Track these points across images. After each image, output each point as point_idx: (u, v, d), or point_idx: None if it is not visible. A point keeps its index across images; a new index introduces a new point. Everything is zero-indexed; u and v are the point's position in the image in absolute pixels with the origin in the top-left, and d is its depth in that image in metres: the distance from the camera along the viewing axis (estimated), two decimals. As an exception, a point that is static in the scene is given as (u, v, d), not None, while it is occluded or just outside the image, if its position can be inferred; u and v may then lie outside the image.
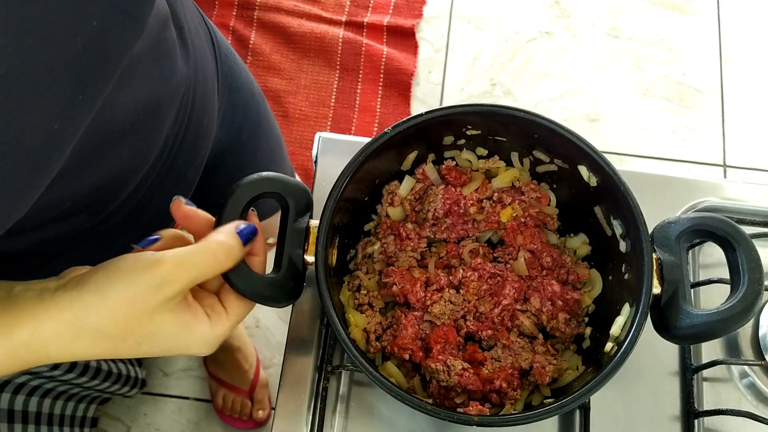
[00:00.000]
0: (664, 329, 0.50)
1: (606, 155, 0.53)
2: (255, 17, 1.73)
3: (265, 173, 0.50)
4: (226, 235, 0.43)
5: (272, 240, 0.69)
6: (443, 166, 0.61)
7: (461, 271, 0.58)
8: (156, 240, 0.44)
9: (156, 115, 0.51)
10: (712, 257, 0.67)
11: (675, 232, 0.51)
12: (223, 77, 0.68)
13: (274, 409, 0.59)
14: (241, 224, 0.45)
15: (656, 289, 0.49)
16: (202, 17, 0.66)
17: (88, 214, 0.52)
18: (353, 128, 1.64)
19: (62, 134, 0.36)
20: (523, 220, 0.60)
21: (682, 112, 1.72)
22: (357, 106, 1.66)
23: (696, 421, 0.59)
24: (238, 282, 0.45)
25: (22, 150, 0.33)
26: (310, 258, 0.50)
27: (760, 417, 0.56)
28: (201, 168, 0.65)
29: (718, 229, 0.50)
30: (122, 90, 0.44)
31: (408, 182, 0.61)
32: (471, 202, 0.60)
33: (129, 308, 0.39)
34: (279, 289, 0.48)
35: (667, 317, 0.50)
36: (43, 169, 0.36)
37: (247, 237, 0.45)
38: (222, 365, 1.38)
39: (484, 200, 0.61)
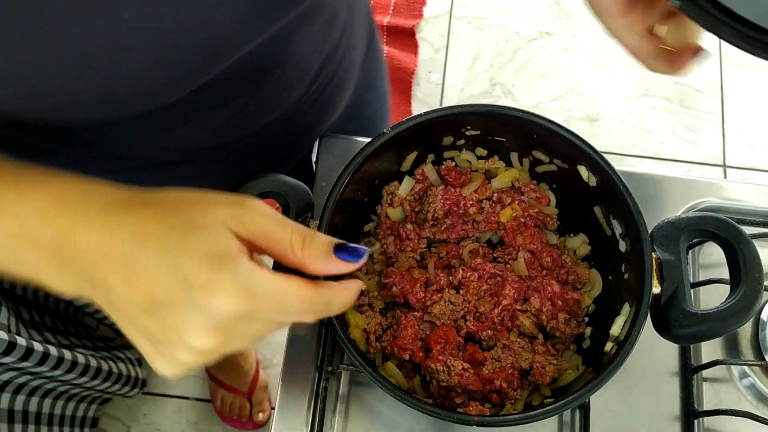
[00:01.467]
0: (664, 329, 0.50)
1: (606, 155, 0.53)
2: (255, 17, 1.73)
3: (266, 173, 0.50)
4: (318, 237, 0.36)
5: None
6: (443, 167, 0.61)
7: (461, 271, 0.58)
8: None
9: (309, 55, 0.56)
10: (711, 257, 0.67)
11: (675, 231, 0.51)
12: (366, 51, 0.70)
13: (273, 408, 0.59)
14: (347, 244, 0.37)
15: (656, 289, 0.49)
16: None
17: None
18: (353, 128, 1.64)
19: (236, 39, 0.41)
20: (522, 220, 0.60)
21: (682, 112, 1.72)
22: (357, 106, 1.66)
23: (696, 421, 0.59)
24: None
25: (206, 37, 0.38)
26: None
27: (760, 417, 0.56)
28: (325, 127, 0.68)
29: (718, 228, 0.50)
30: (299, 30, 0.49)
31: (407, 183, 0.61)
32: (471, 202, 0.60)
33: (184, 194, 0.35)
34: None
35: (667, 317, 0.50)
36: (216, 61, 0.42)
37: (344, 253, 0.36)
38: (221, 366, 1.38)
39: (484, 201, 0.61)
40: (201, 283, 0.32)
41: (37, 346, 0.92)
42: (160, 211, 0.34)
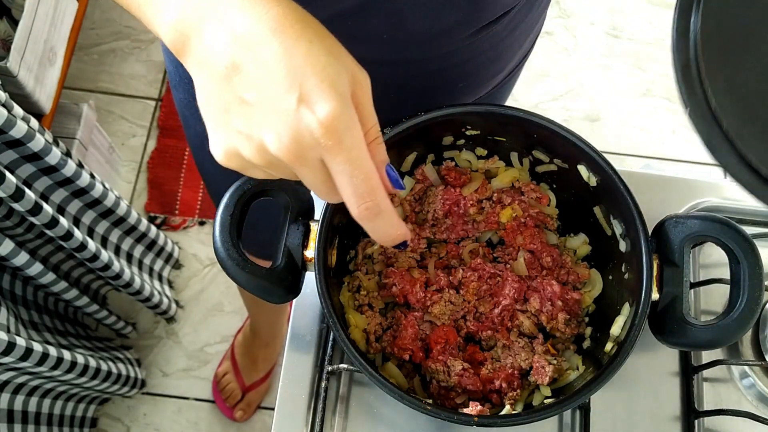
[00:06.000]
0: (660, 335, 0.50)
1: (606, 155, 0.53)
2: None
3: None
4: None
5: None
6: (443, 167, 0.61)
7: (461, 271, 0.58)
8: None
9: None
10: (712, 257, 0.67)
11: (680, 236, 0.50)
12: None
13: (273, 409, 0.59)
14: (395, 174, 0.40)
15: (655, 295, 0.49)
16: None
17: None
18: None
19: None
20: (522, 220, 0.60)
21: (683, 112, 1.72)
22: (357, 106, 1.66)
23: (696, 421, 0.59)
24: (232, 269, 0.45)
25: None
26: (309, 253, 0.50)
27: (760, 417, 0.56)
28: (519, 40, 0.67)
29: (728, 240, 0.49)
30: None
31: (407, 183, 0.61)
32: (471, 202, 0.60)
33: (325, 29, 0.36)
34: (276, 282, 0.48)
35: (663, 324, 0.50)
36: None
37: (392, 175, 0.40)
38: (245, 348, 1.43)
39: (484, 201, 0.61)
40: (308, 95, 0.33)
41: (37, 346, 0.92)
42: (310, 24, 0.35)
